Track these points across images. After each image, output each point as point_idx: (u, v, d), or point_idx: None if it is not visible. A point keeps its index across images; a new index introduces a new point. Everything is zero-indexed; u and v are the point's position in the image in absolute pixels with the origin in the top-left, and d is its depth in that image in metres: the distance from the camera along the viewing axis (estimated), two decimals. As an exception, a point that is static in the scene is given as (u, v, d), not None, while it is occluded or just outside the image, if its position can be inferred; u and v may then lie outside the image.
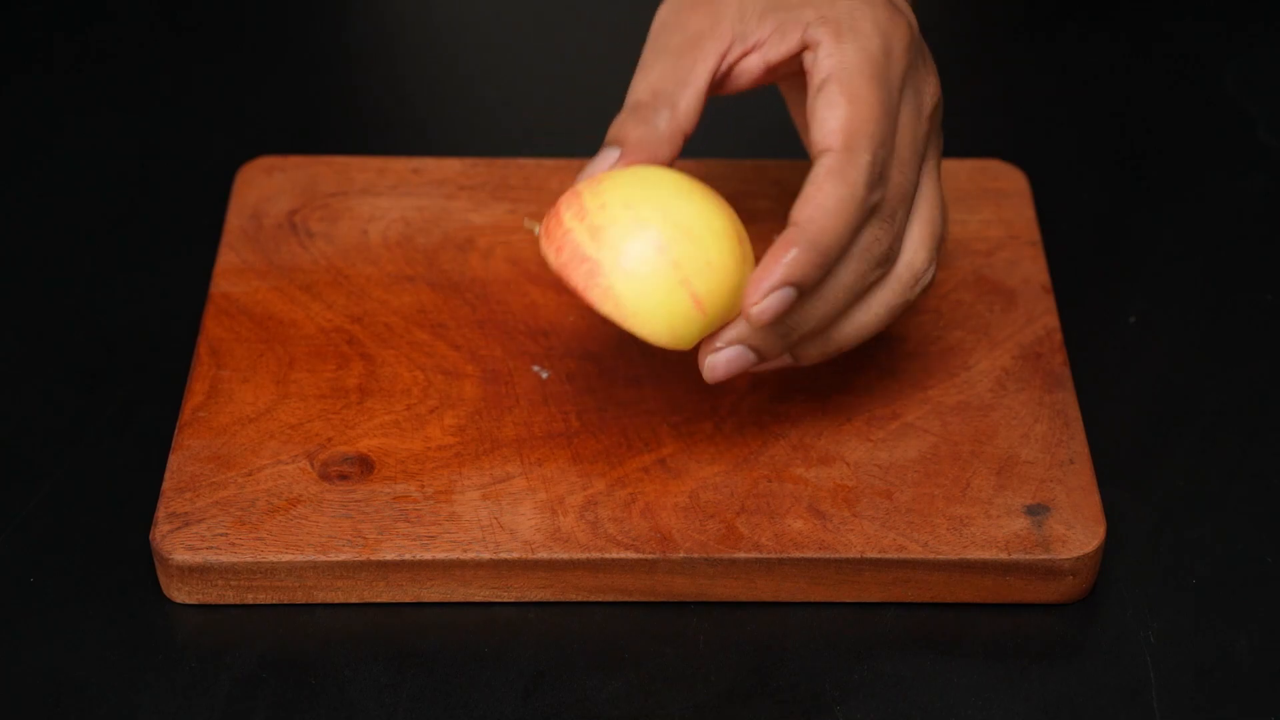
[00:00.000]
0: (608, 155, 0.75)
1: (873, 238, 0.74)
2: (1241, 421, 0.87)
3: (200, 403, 0.83)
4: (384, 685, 0.76)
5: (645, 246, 0.73)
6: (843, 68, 0.73)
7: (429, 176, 0.94)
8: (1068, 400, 0.84)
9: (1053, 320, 0.87)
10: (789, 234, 0.72)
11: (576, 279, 0.74)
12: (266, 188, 0.93)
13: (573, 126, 1.02)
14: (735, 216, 0.76)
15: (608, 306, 0.74)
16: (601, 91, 1.06)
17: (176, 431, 0.82)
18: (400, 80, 1.07)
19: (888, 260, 0.75)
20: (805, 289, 0.73)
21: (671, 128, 0.75)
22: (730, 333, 0.75)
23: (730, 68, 0.76)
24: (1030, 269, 0.90)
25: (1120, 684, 0.77)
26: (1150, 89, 1.05)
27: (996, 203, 0.93)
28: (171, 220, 0.96)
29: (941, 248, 0.79)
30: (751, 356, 0.76)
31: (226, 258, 0.90)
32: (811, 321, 0.76)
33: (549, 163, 0.95)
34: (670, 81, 0.75)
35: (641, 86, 0.75)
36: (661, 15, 0.77)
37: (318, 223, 0.92)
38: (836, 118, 0.73)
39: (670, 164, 0.76)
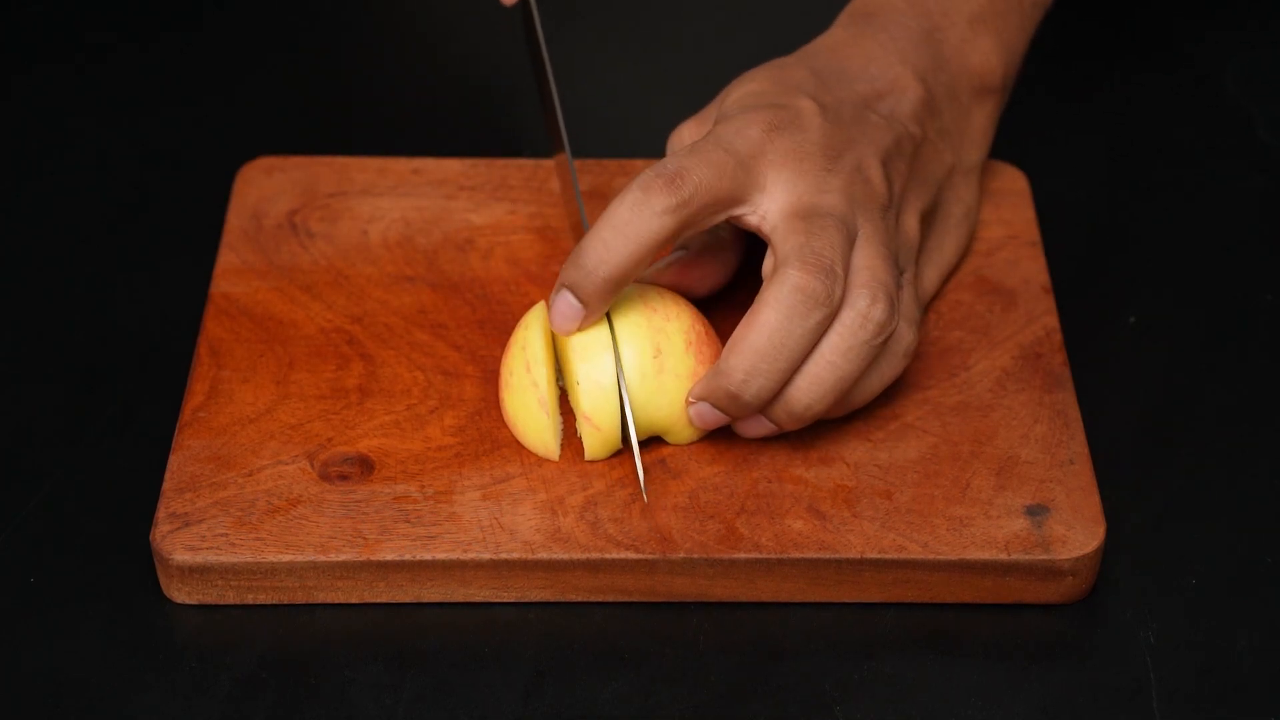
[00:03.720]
0: (673, 255, 0.84)
1: (795, 279, 0.77)
2: (1241, 421, 0.87)
3: (200, 403, 0.83)
4: (384, 685, 0.76)
5: (518, 364, 0.81)
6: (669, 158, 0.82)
7: (429, 177, 0.94)
8: (1068, 400, 0.84)
9: (1053, 320, 0.87)
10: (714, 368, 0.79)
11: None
12: (266, 188, 0.93)
13: (573, 126, 1.02)
14: (674, 326, 0.81)
15: (505, 418, 0.82)
16: (601, 92, 1.06)
17: (176, 431, 0.82)
18: (400, 80, 1.07)
19: (827, 298, 0.77)
20: (728, 410, 0.79)
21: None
22: (695, 390, 0.80)
23: None
24: (1030, 269, 0.90)
25: (1120, 684, 0.77)
26: (1150, 89, 1.05)
27: (996, 203, 0.93)
28: (171, 220, 0.96)
29: (919, 312, 0.82)
30: (719, 414, 0.80)
31: (226, 258, 0.90)
32: (753, 376, 0.78)
33: (549, 163, 0.95)
34: None
35: None
36: (671, 141, 0.86)
37: (318, 223, 0.92)
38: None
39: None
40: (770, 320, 0.77)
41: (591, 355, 0.80)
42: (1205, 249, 0.96)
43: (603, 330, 0.80)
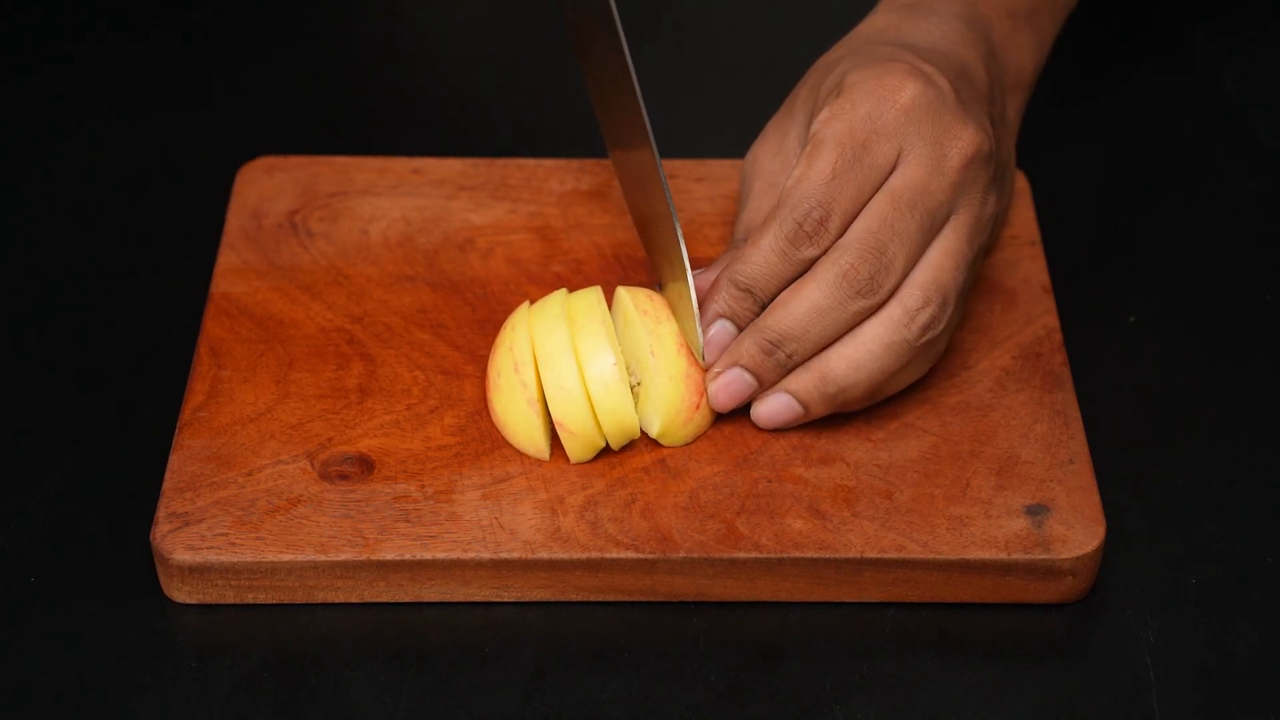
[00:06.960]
0: (697, 270, 0.83)
1: (846, 265, 0.78)
2: (1241, 421, 0.87)
3: (200, 403, 0.83)
4: (384, 685, 0.76)
5: (506, 365, 0.81)
6: (814, 135, 0.80)
7: (429, 176, 0.94)
8: (1068, 400, 0.84)
9: (1053, 320, 0.87)
10: (718, 278, 0.81)
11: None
12: (266, 188, 0.93)
13: (573, 126, 1.02)
14: (666, 329, 0.81)
15: (493, 420, 0.82)
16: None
17: (177, 431, 0.82)
18: (400, 80, 1.07)
19: (871, 291, 0.78)
20: (738, 320, 0.80)
21: None
22: (724, 358, 0.80)
23: None
24: (1030, 269, 0.90)
25: (1120, 684, 0.77)
26: (1150, 89, 1.05)
27: (996, 203, 0.93)
28: (171, 220, 0.96)
29: (959, 301, 0.81)
30: (749, 379, 0.80)
31: (226, 258, 0.90)
32: (787, 338, 0.79)
33: (549, 163, 0.95)
34: (760, 216, 0.83)
35: (740, 226, 0.84)
36: (745, 164, 0.85)
37: (318, 223, 0.92)
38: (789, 179, 0.80)
39: None
40: (812, 295, 0.78)
41: (554, 363, 0.80)
42: (1205, 249, 0.96)
43: (565, 337, 0.80)
